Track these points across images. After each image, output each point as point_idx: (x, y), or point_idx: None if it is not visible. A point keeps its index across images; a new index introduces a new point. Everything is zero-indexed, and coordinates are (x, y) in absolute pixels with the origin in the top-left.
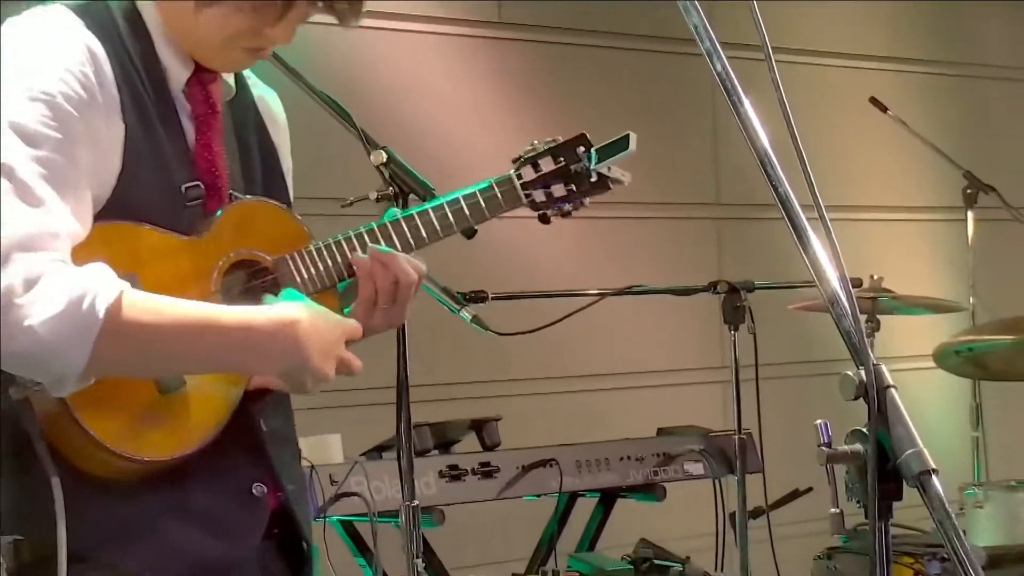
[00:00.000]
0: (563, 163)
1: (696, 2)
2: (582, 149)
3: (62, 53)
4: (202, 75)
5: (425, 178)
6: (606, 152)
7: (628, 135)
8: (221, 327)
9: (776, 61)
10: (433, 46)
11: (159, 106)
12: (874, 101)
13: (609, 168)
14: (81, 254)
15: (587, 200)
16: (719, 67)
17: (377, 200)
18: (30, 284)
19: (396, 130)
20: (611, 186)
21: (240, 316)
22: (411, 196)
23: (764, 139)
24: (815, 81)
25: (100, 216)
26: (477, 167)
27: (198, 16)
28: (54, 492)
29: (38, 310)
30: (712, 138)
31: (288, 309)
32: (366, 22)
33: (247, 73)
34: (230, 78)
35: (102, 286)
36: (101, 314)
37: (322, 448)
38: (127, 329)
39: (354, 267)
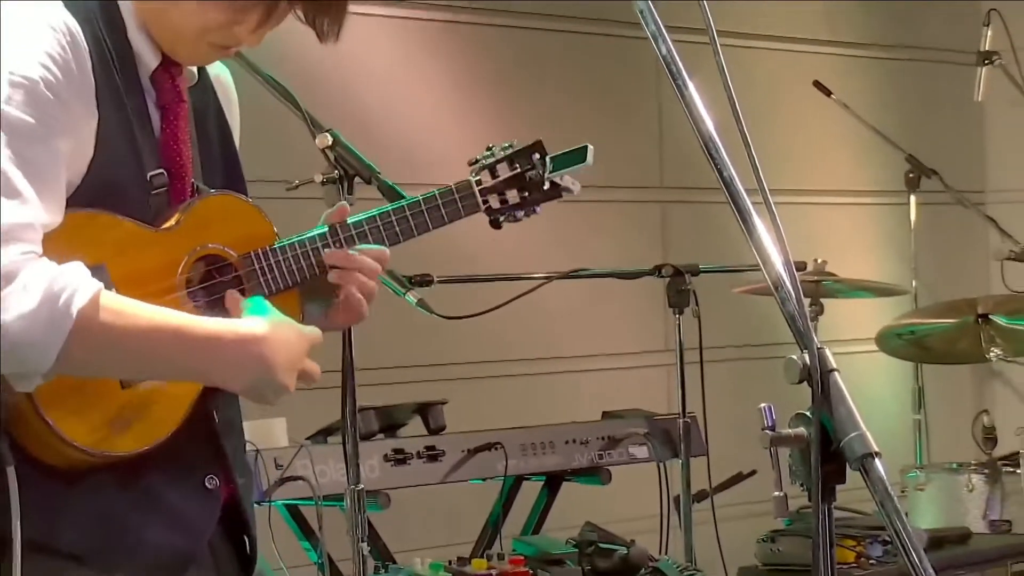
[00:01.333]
0: (519, 169)
1: None
2: (538, 156)
3: (43, 36)
4: (169, 63)
5: (371, 161)
6: (562, 162)
7: (586, 147)
8: (190, 338)
9: (721, 45)
10: (391, 28)
11: (129, 92)
12: (818, 85)
13: (562, 177)
14: (52, 243)
15: (539, 208)
16: (664, 50)
17: (323, 183)
18: (6, 279)
19: (358, 115)
20: (562, 195)
21: (208, 328)
22: (356, 179)
23: (709, 123)
24: (759, 65)
25: (70, 202)
26: (429, 150)
27: (175, 8)
28: (9, 481)
29: (11, 305)
30: (657, 121)
31: (256, 324)
32: None
33: None
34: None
35: (77, 286)
36: (74, 314)
37: (267, 432)
38: (98, 331)
39: (328, 272)
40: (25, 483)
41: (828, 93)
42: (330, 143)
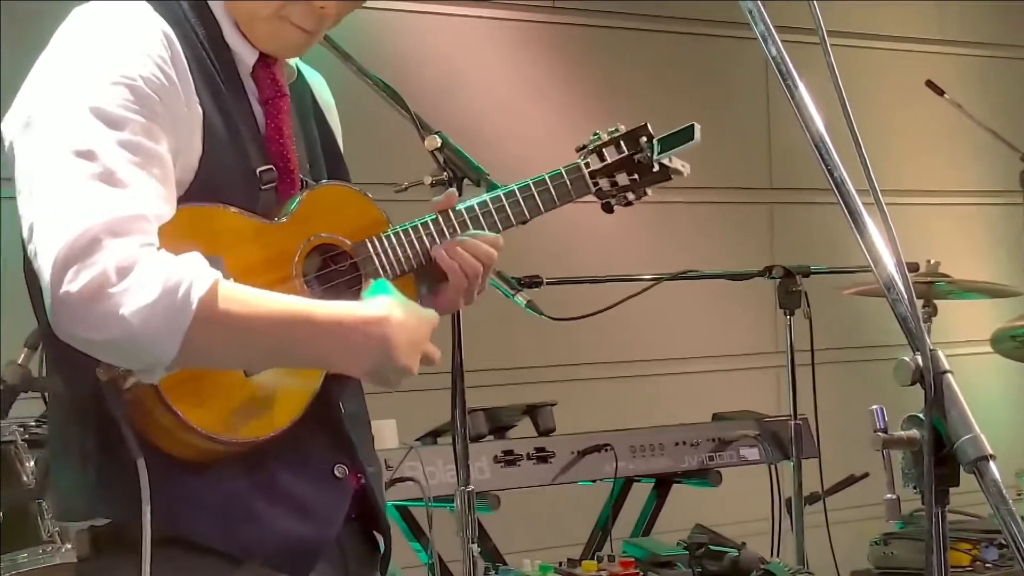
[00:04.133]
0: (627, 152)
1: None
2: (644, 139)
3: (139, 38)
4: (267, 58)
5: (479, 163)
6: (669, 142)
7: (692, 125)
8: (312, 322)
9: (831, 45)
10: (486, 29)
11: (231, 90)
12: (930, 84)
13: (670, 159)
14: (166, 236)
15: (649, 190)
16: (773, 51)
17: (432, 185)
18: (123, 272)
19: (450, 116)
20: (672, 176)
21: (331, 311)
22: (465, 181)
23: (819, 123)
24: (870, 64)
25: (183, 200)
26: (531, 151)
27: None
28: (140, 473)
29: (131, 299)
30: (765, 122)
31: (378, 305)
32: (419, 7)
33: (297, 60)
34: (291, 61)
35: (196, 276)
36: (194, 305)
37: (377, 433)
38: (219, 320)
39: (436, 259)
40: (153, 475)
41: (941, 93)
42: (439, 145)
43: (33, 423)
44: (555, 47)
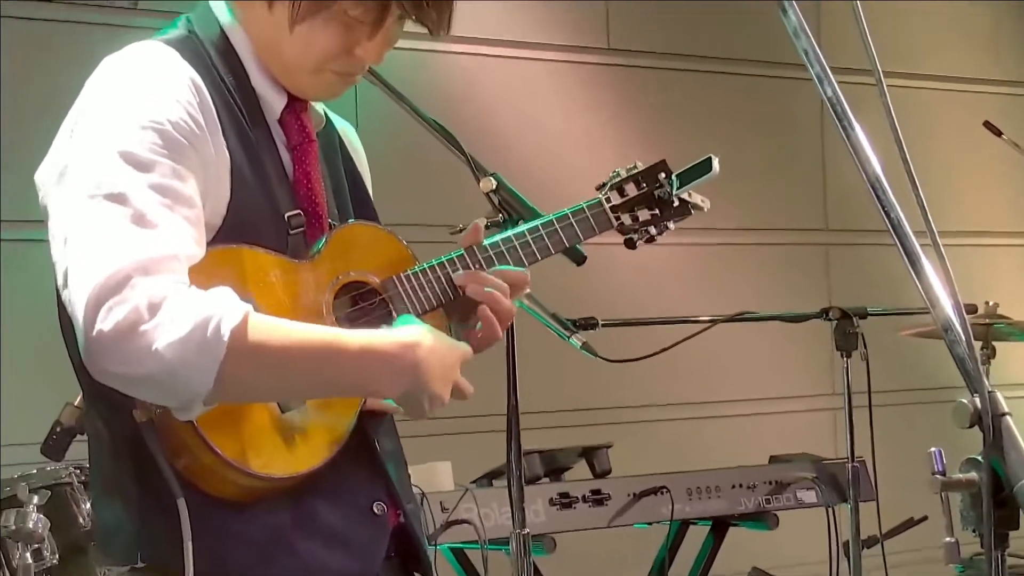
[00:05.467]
0: (646, 188)
1: (806, 26)
2: (663, 175)
3: (167, 83)
4: (295, 104)
5: (534, 204)
6: (687, 176)
7: (710, 158)
8: (344, 349)
9: (887, 85)
10: (540, 71)
11: (258, 136)
12: (988, 125)
13: (690, 194)
14: (197, 277)
15: (671, 225)
16: (829, 91)
17: (487, 227)
18: (154, 308)
19: (504, 157)
20: (692, 212)
21: (363, 339)
22: (520, 223)
23: (875, 164)
24: (927, 105)
25: (212, 242)
26: (583, 191)
27: (287, 37)
28: (180, 513)
29: (163, 334)
30: (821, 163)
31: (409, 332)
32: (475, 49)
33: (325, 107)
34: (319, 107)
35: (227, 308)
36: (226, 337)
37: (432, 475)
38: (252, 351)
39: (458, 285)
40: (193, 514)
41: (999, 133)
42: (494, 187)
43: (89, 465)
44: (610, 88)
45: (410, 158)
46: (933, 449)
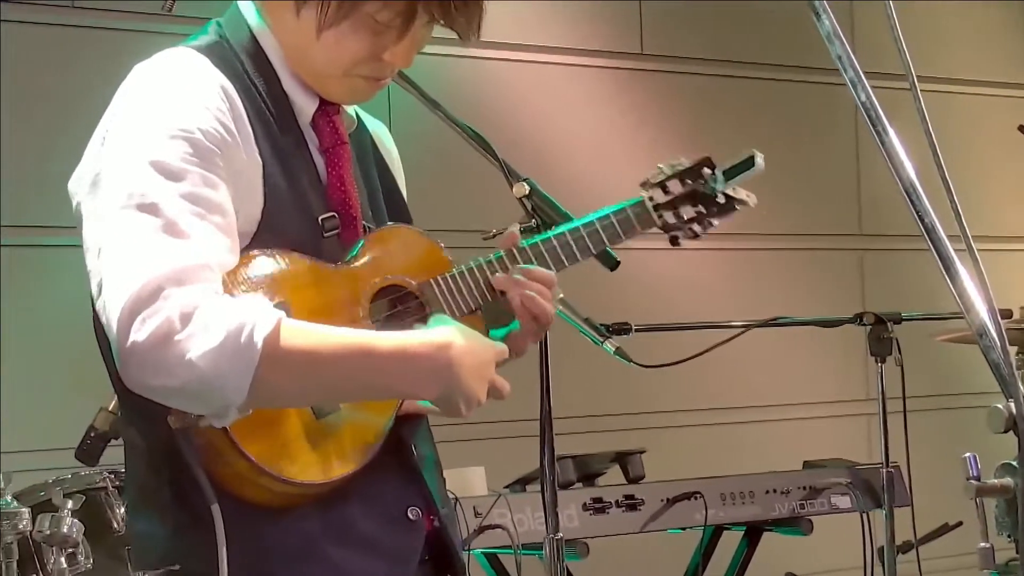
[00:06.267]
0: (690, 185)
1: (839, 31)
2: (708, 171)
3: (198, 91)
4: (327, 107)
5: (567, 209)
6: (732, 172)
7: (753, 153)
8: (377, 352)
9: (921, 90)
10: (573, 77)
11: (290, 140)
12: (1022, 129)
13: (735, 189)
14: (231, 283)
15: (716, 222)
16: (863, 97)
17: (520, 232)
18: (186, 318)
19: (537, 162)
20: (737, 208)
21: (396, 340)
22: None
23: (910, 169)
24: (960, 109)
25: (247, 249)
26: (617, 197)
27: (318, 43)
28: (214, 519)
29: (197, 343)
30: (855, 168)
31: (442, 332)
32: (507, 55)
33: (357, 107)
34: (351, 109)
35: (259, 316)
36: (260, 344)
37: (466, 480)
38: (286, 358)
39: (497, 288)
40: (227, 520)
41: None
42: (527, 192)
43: (123, 469)
44: (643, 94)
45: (443, 163)
46: (968, 454)
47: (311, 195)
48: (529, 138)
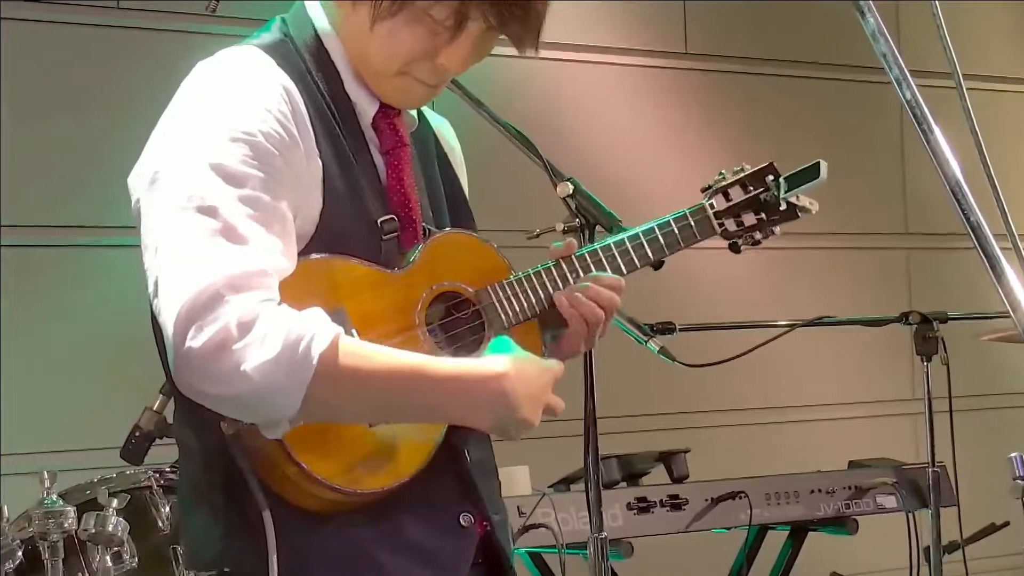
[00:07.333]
0: (753, 192)
1: (884, 30)
2: (771, 178)
3: (260, 93)
4: (388, 109)
5: (611, 209)
6: (795, 180)
7: (819, 163)
8: (431, 378)
9: (967, 88)
10: (617, 77)
11: (352, 141)
12: None
13: (798, 197)
14: (289, 289)
15: (777, 229)
16: (908, 95)
17: (564, 232)
18: (245, 328)
19: (582, 162)
20: (800, 215)
21: (450, 367)
22: (597, 227)
23: (955, 168)
24: (1005, 107)
25: (304, 252)
26: (662, 198)
27: (371, 37)
28: (265, 525)
29: (253, 354)
30: (900, 166)
31: (495, 361)
32: (552, 54)
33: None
34: (412, 110)
35: (316, 331)
36: (315, 360)
37: (510, 479)
38: (339, 375)
39: (558, 306)
40: (280, 527)
41: None
42: (571, 191)
43: (168, 469)
44: (688, 93)
45: (487, 162)
46: (1014, 454)
47: (371, 197)
48: (573, 138)
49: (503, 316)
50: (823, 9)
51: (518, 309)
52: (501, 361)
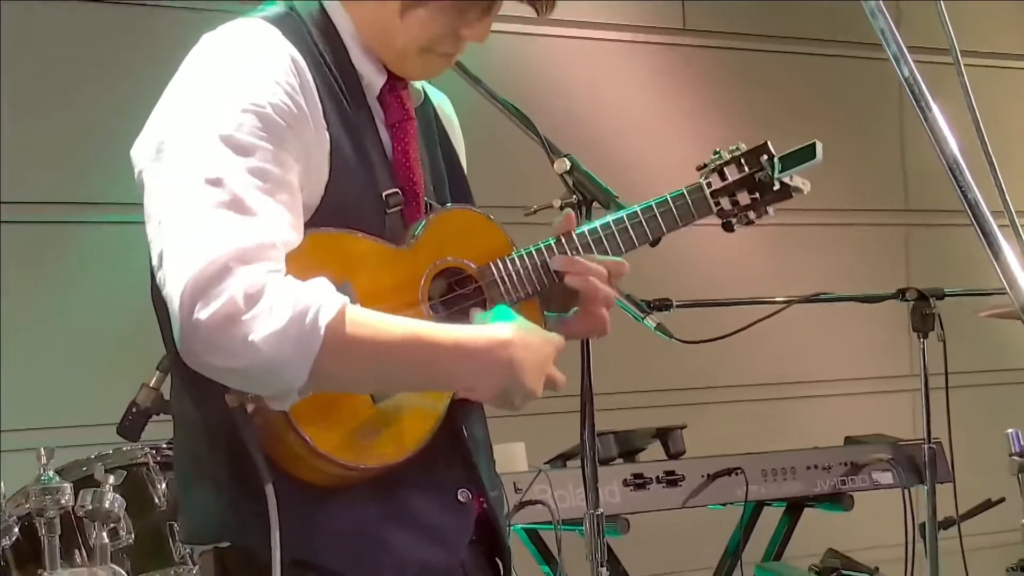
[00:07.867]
0: (748, 171)
1: (883, 6)
2: (766, 157)
3: (268, 64)
4: (394, 82)
5: (609, 186)
6: (790, 161)
7: (814, 144)
8: (437, 345)
9: (964, 65)
10: (615, 53)
11: (358, 114)
12: None
13: (791, 176)
14: (294, 262)
15: (771, 209)
16: (906, 72)
17: (561, 208)
18: (252, 299)
19: (579, 139)
20: (792, 195)
21: (455, 335)
22: (594, 204)
23: (953, 145)
24: (1005, 84)
25: (310, 224)
26: (660, 173)
27: (401, 22)
28: (268, 499)
29: (261, 326)
30: (899, 143)
31: (500, 328)
32: (547, 29)
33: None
34: (417, 83)
35: (323, 301)
36: (322, 330)
37: (506, 456)
38: (347, 345)
39: (560, 270)
40: (283, 500)
41: None
42: (568, 168)
43: (165, 445)
44: (686, 69)
45: (484, 139)
46: (1011, 430)
47: (377, 170)
48: (570, 114)
49: (504, 293)
50: None
51: (519, 285)
52: (506, 328)
